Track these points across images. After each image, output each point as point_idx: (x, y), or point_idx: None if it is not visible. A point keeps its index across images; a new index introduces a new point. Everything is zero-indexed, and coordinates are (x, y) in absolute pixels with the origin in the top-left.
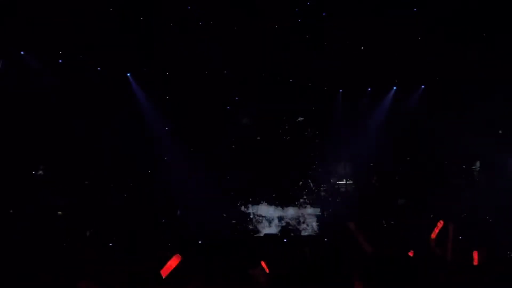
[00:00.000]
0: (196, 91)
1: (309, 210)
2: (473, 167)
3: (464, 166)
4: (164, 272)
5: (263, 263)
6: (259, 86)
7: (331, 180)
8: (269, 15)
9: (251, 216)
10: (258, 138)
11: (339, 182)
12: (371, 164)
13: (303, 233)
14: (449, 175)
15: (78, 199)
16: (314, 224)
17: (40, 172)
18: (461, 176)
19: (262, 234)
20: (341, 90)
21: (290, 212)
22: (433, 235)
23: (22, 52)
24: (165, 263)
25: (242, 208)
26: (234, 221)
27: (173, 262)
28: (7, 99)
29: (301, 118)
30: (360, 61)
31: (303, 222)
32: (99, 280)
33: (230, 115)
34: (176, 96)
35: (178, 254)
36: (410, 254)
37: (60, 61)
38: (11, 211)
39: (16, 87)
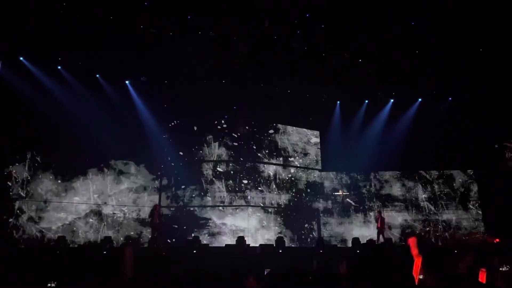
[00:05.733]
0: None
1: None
2: None
3: None
4: (129, 271)
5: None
6: (257, 95)
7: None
8: (269, 25)
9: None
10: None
11: (336, 194)
12: None
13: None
14: None
15: None
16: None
17: None
18: None
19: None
20: (338, 102)
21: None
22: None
23: (21, 58)
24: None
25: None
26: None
27: (128, 256)
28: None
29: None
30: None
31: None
32: None
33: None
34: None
35: (126, 248)
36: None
37: (58, 67)
38: None
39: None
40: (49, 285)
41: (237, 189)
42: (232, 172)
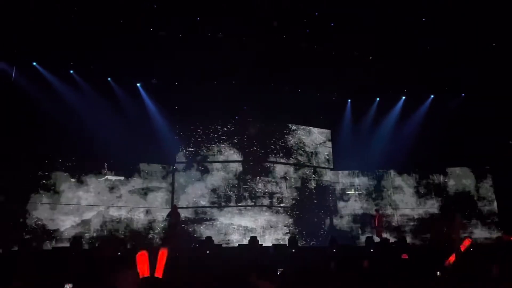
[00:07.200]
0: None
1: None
2: None
3: None
4: (159, 272)
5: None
6: (267, 95)
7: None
8: (278, 25)
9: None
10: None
11: (348, 192)
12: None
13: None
14: None
15: None
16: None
17: None
18: None
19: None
20: (349, 100)
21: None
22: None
23: (34, 63)
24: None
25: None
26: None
27: (162, 258)
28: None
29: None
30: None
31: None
32: None
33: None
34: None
35: (163, 249)
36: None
37: (71, 71)
38: None
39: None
40: (66, 286)
41: (247, 189)
42: (242, 172)
